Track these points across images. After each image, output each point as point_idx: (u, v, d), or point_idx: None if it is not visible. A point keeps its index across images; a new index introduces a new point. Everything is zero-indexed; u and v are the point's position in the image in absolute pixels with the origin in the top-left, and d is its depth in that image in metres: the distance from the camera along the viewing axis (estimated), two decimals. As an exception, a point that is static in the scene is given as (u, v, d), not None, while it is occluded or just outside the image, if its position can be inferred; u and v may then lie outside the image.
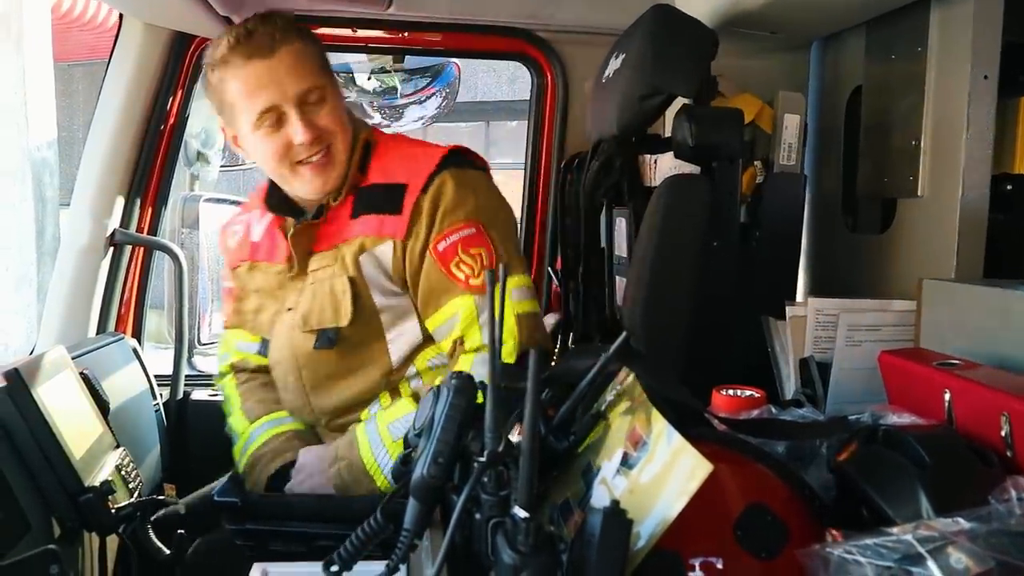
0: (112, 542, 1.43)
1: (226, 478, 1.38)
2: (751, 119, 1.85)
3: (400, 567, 0.87)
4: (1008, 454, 0.92)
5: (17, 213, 5.75)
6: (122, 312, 2.18)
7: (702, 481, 0.74)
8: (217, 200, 3.04)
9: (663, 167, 1.77)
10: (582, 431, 0.94)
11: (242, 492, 1.35)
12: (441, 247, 1.53)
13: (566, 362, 1.08)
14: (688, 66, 1.66)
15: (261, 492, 1.54)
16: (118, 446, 1.52)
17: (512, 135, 9.19)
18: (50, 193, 5.96)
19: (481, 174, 1.64)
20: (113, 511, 1.35)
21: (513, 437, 0.87)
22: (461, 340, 1.55)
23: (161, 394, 2.20)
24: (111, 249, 2.07)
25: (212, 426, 1.86)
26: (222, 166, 3.69)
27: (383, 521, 0.91)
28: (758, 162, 1.87)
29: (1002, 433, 0.93)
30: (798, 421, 1.14)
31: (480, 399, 0.90)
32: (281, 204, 1.67)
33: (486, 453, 0.81)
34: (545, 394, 1.00)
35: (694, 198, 1.61)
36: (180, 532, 1.66)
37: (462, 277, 1.53)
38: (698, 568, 0.78)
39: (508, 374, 0.94)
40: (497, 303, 0.88)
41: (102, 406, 1.58)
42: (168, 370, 2.27)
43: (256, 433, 1.68)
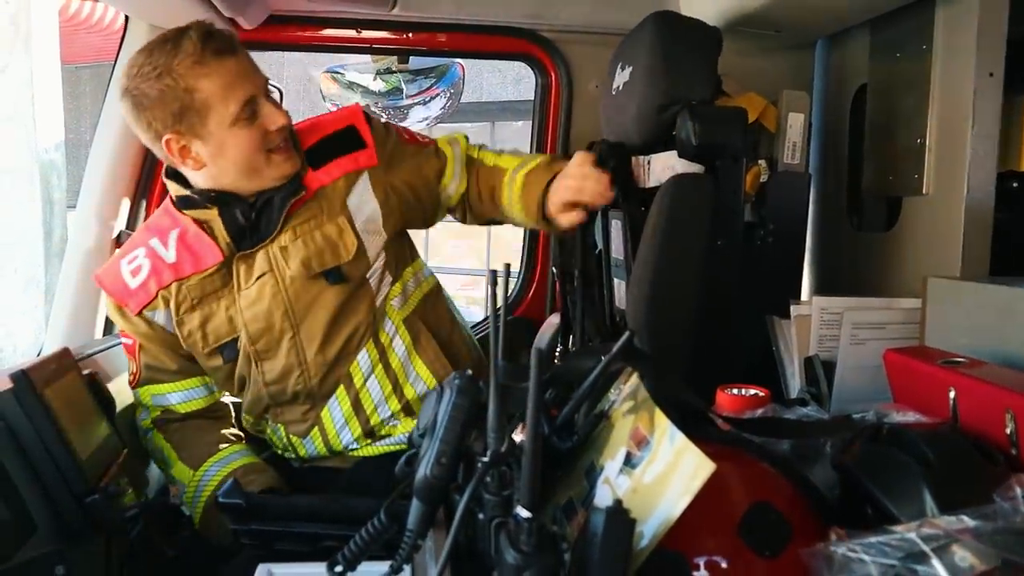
0: (119, 543, 1.43)
1: (230, 480, 1.38)
2: (755, 118, 1.84)
3: (404, 567, 0.87)
4: (1013, 452, 0.92)
5: (25, 214, 5.77)
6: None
7: (705, 480, 0.74)
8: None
9: (656, 168, 1.76)
10: (585, 431, 0.94)
11: (246, 493, 1.35)
12: (406, 136, 1.84)
13: (569, 362, 1.08)
14: (701, 71, 1.67)
15: (227, 533, 1.51)
16: (124, 447, 1.53)
17: (517, 135, 9.19)
18: (57, 195, 5.98)
19: None
20: (119, 513, 1.36)
21: (516, 437, 0.87)
22: (475, 162, 1.85)
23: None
24: (117, 251, 2.08)
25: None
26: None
27: (387, 521, 0.91)
28: (762, 161, 1.86)
29: (1007, 431, 0.93)
30: (802, 420, 1.14)
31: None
32: (203, 201, 1.66)
33: (489, 453, 0.81)
34: (548, 394, 1.00)
35: (698, 197, 1.61)
36: (186, 533, 1.67)
37: (427, 140, 1.86)
38: (702, 567, 0.78)
39: (511, 373, 0.94)
40: (499, 303, 0.88)
41: (108, 407, 1.59)
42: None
43: (206, 478, 1.67)
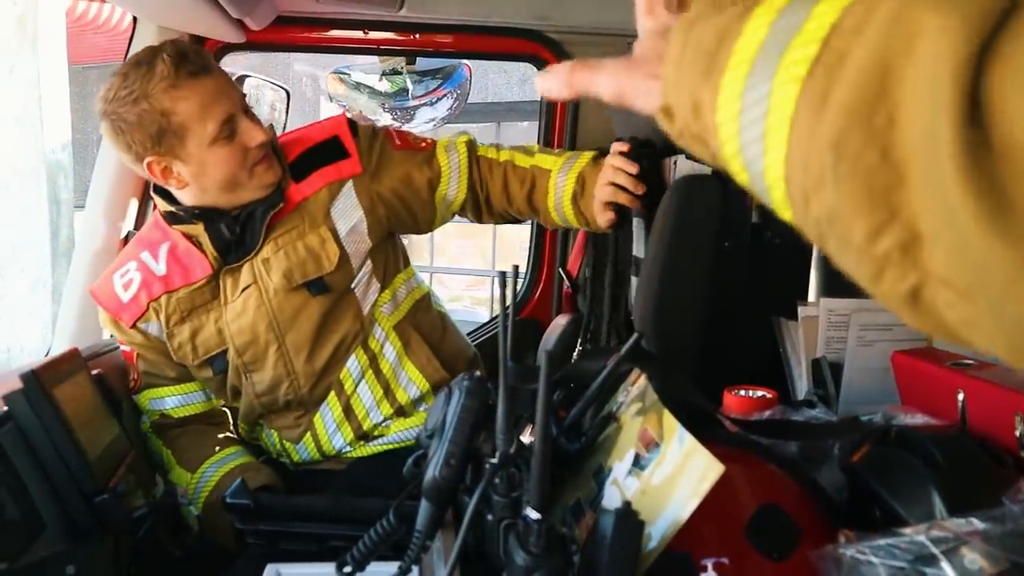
0: (127, 542, 1.44)
1: (237, 480, 1.39)
2: (763, 119, 1.84)
3: (413, 568, 0.87)
4: (1022, 454, 0.92)
5: (32, 215, 5.79)
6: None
7: (714, 482, 0.74)
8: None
9: (684, 168, 1.76)
10: (593, 432, 0.94)
11: (253, 494, 1.36)
12: (398, 141, 1.81)
13: (578, 363, 1.08)
14: None
15: (229, 533, 1.55)
16: (132, 447, 1.53)
17: (523, 136, 9.21)
18: (65, 195, 6.00)
19: None
20: (128, 512, 1.36)
21: (525, 438, 0.87)
22: (496, 164, 1.81)
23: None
24: (125, 251, 2.09)
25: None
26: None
27: (396, 522, 0.92)
28: (770, 162, 1.86)
29: (1016, 433, 0.92)
30: (810, 422, 1.14)
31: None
32: (189, 217, 1.67)
33: (498, 455, 0.81)
34: (557, 395, 1.00)
35: (705, 198, 1.61)
36: (193, 533, 1.68)
37: (423, 144, 1.82)
38: (710, 569, 0.78)
39: (520, 375, 0.95)
40: (508, 303, 0.88)
41: (117, 408, 1.59)
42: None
43: (204, 479, 1.68)
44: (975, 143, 0.35)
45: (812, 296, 1.99)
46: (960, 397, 1.02)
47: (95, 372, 1.55)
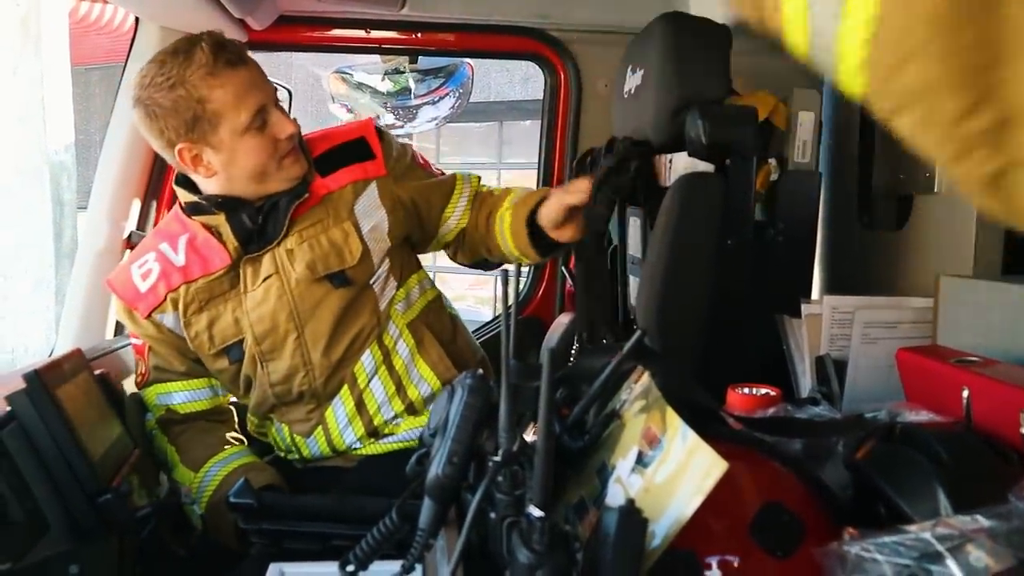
0: (131, 542, 1.44)
1: (240, 480, 1.39)
2: (765, 116, 1.84)
3: (416, 566, 0.87)
4: (1027, 451, 0.92)
5: (35, 215, 5.80)
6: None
7: (718, 480, 0.74)
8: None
9: (678, 166, 1.76)
10: (597, 430, 0.94)
11: (257, 493, 1.36)
12: (421, 161, 1.88)
13: (580, 361, 1.08)
14: (713, 71, 1.67)
15: (231, 532, 1.54)
16: (136, 447, 1.53)
17: (525, 135, 9.19)
18: (67, 196, 6.01)
19: None
20: (131, 512, 1.36)
21: (527, 436, 0.87)
22: (478, 194, 1.89)
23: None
24: (128, 251, 2.09)
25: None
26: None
27: (398, 521, 0.92)
28: (772, 160, 1.86)
29: (1021, 430, 0.92)
30: (814, 419, 1.14)
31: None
32: (211, 207, 1.68)
33: (501, 452, 0.81)
34: (559, 393, 1.00)
35: (708, 196, 1.60)
36: (197, 533, 1.68)
37: (441, 173, 1.91)
38: (714, 567, 0.78)
39: (522, 373, 0.94)
40: (511, 303, 0.88)
41: (120, 408, 1.59)
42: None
43: (207, 478, 1.68)
44: None
45: (816, 293, 1.99)
46: (965, 394, 1.02)
47: (98, 372, 1.56)
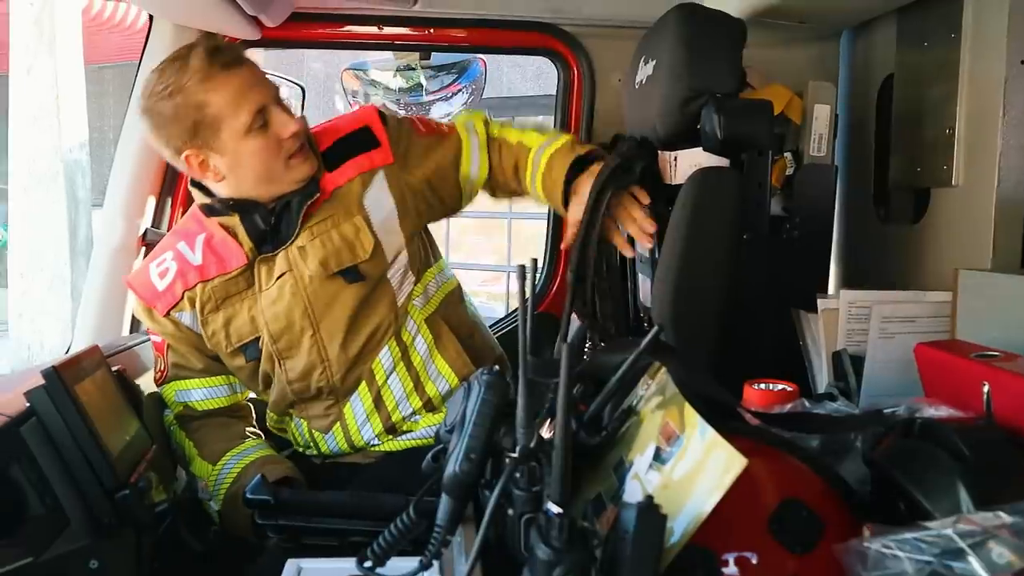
0: (149, 537, 1.45)
1: (257, 476, 1.39)
2: (780, 110, 1.83)
3: (433, 563, 0.87)
4: (1049, 447, 0.91)
5: (51, 214, 5.84)
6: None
7: (736, 476, 0.73)
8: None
9: (683, 165, 1.75)
10: (614, 426, 0.93)
11: (274, 489, 1.36)
12: (422, 128, 1.84)
13: (597, 357, 1.08)
14: (726, 64, 1.65)
15: (247, 527, 1.51)
16: (153, 443, 1.54)
17: (538, 130, 9.17)
18: (82, 194, 6.05)
19: None
20: (149, 508, 1.37)
21: (545, 433, 0.86)
22: (496, 140, 1.84)
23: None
24: (143, 248, 2.10)
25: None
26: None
27: (416, 517, 0.92)
28: (788, 153, 1.85)
29: (1043, 426, 0.91)
30: (832, 415, 1.13)
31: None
32: (225, 209, 1.70)
33: (518, 449, 0.81)
34: (576, 389, 0.99)
35: (724, 191, 1.60)
36: (214, 528, 1.68)
37: (445, 128, 1.86)
38: (732, 563, 0.78)
39: (539, 369, 0.94)
40: (527, 297, 0.88)
41: (137, 404, 1.60)
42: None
43: (224, 472, 1.69)
44: None
45: (832, 288, 1.98)
46: (985, 389, 1.01)
47: (115, 368, 1.56)
